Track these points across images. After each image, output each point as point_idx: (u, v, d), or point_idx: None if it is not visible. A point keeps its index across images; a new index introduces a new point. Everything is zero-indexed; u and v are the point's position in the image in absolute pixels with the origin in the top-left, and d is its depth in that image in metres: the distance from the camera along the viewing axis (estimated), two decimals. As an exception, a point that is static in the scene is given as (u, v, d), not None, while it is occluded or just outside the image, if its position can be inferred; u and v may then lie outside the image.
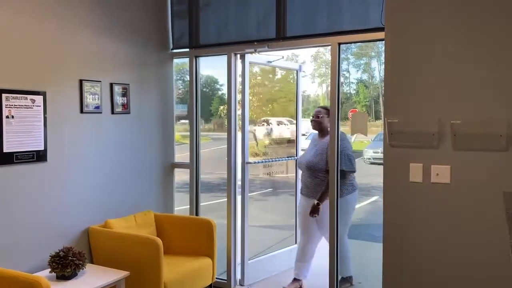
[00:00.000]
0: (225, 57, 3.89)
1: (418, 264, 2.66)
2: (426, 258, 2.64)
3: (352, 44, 3.65)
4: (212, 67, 4.46)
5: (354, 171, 3.58)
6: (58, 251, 2.87)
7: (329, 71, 3.46)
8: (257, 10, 3.81)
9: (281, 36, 3.64)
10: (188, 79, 4.14)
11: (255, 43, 3.72)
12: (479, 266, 2.50)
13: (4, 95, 2.79)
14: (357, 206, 8.28)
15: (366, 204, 8.28)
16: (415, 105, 2.64)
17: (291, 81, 5.19)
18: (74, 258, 2.83)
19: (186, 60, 4.16)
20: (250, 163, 4.00)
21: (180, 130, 4.55)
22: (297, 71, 4.52)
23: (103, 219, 3.41)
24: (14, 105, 2.85)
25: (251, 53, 3.81)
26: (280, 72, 5.42)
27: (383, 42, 2.78)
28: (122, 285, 2.95)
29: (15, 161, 2.88)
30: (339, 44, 3.37)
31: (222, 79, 4.83)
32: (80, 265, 2.87)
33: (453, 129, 2.53)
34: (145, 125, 3.91)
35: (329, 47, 3.40)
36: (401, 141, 2.68)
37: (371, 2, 3.24)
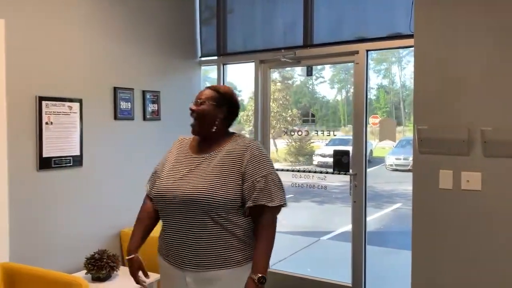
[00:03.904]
0: (244, 64, 3.98)
1: (448, 273, 2.65)
2: (456, 266, 2.63)
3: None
4: (233, 73, 4.55)
5: (285, 205, 1.81)
6: (93, 253, 2.96)
7: (350, 77, 3.49)
8: (284, 18, 3.87)
9: (308, 44, 3.70)
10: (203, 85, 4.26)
11: (282, 51, 3.78)
12: (512, 273, 2.49)
13: (44, 102, 2.91)
14: (380, 213, 8.22)
15: (389, 211, 8.22)
16: (445, 112, 2.64)
17: (310, 86, 5.23)
18: (109, 261, 2.92)
19: (208, 67, 4.27)
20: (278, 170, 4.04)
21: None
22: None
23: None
24: (53, 112, 2.97)
25: (277, 60, 3.87)
26: (299, 78, 5.45)
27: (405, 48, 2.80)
28: (155, 286, 3.02)
29: (53, 165, 2.99)
30: (367, 51, 3.40)
31: (241, 86, 4.91)
32: (114, 267, 2.95)
33: (483, 136, 2.53)
34: (174, 131, 3.96)
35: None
36: (431, 148, 2.69)
37: (399, 9, 3.27)
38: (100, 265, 2.89)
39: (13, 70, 2.74)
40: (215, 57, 4.20)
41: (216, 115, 1.83)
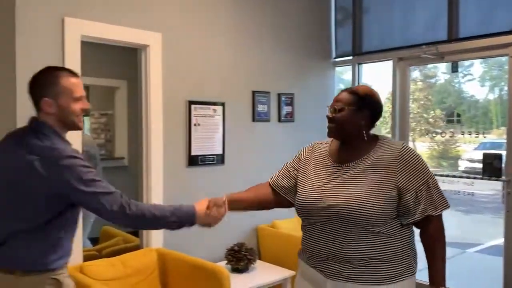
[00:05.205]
0: (380, 64, 3.86)
1: None
2: None
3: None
4: (367, 74, 4.43)
5: (448, 207, 1.66)
6: (232, 245, 3.17)
7: (504, 73, 3.13)
8: (424, 12, 3.66)
9: (452, 38, 3.43)
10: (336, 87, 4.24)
11: (423, 47, 3.56)
12: None
13: (193, 106, 3.22)
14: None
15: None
16: None
17: (456, 85, 4.79)
18: (247, 253, 3.10)
19: (341, 69, 4.25)
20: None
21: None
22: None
23: (271, 219, 3.65)
24: (200, 114, 3.27)
25: (417, 57, 3.65)
26: (443, 76, 5.04)
27: None
28: (288, 284, 3.10)
29: (199, 163, 3.29)
30: (525, 42, 3.02)
31: (376, 86, 4.73)
32: (252, 260, 3.12)
33: None
34: (307, 133, 4.05)
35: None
36: None
37: None
38: (238, 257, 3.08)
39: (168, 78, 3.10)
40: (350, 57, 4.15)
41: (357, 122, 1.64)
